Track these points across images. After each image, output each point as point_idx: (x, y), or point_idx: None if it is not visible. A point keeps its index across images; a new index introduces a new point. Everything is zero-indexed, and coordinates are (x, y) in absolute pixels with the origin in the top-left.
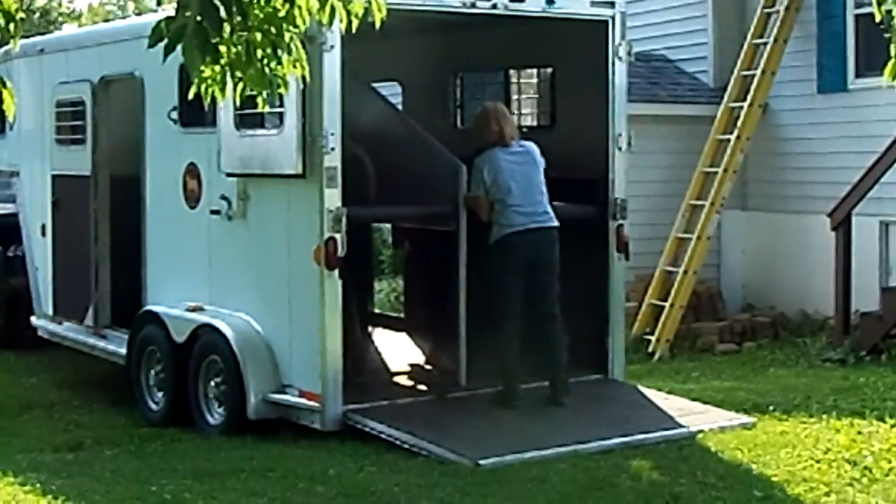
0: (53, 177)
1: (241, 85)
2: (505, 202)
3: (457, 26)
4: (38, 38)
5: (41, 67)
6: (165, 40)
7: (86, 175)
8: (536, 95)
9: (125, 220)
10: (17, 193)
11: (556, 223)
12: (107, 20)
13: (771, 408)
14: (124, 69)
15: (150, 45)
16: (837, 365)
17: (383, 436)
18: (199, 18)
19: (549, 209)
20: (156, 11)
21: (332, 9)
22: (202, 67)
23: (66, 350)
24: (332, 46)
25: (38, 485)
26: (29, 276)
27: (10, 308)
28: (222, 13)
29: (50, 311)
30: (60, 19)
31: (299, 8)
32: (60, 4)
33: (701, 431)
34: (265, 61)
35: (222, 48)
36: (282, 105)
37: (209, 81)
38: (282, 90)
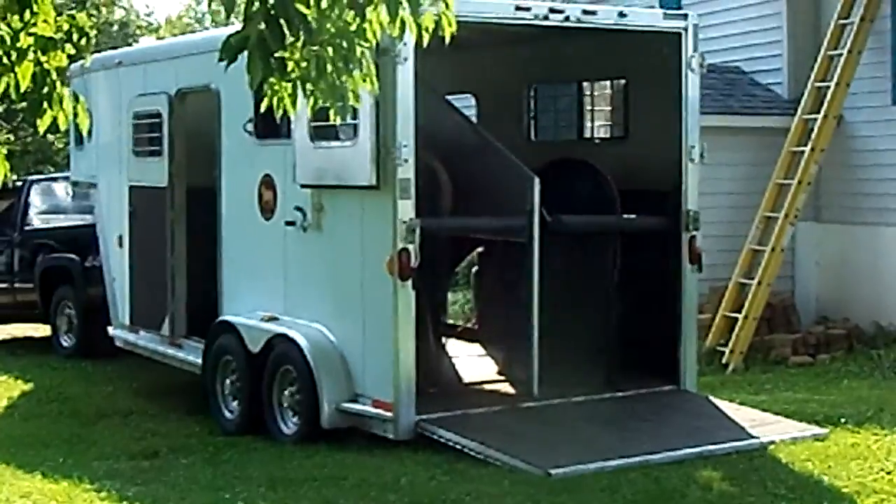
0: (130, 188)
1: (312, 99)
2: None
3: (531, 39)
4: (116, 50)
5: (119, 80)
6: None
7: (162, 186)
8: (609, 107)
9: (201, 231)
10: (94, 204)
11: None
12: (184, 33)
13: (843, 420)
14: (201, 82)
15: (220, 59)
16: None
17: (455, 445)
18: (261, 30)
19: None
20: (233, 24)
21: (403, 23)
22: (272, 81)
23: (142, 359)
24: (405, 59)
25: (114, 492)
26: (106, 286)
27: (87, 318)
28: (285, 28)
29: (126, 321)
30: (138, 32)
31: (370, 22)
32: (138, 17)
33: (772, 442)
34: (336, 75)
35: (291, 63)
36: (356, 117)
37: (280, 94)
38: (353, 104)
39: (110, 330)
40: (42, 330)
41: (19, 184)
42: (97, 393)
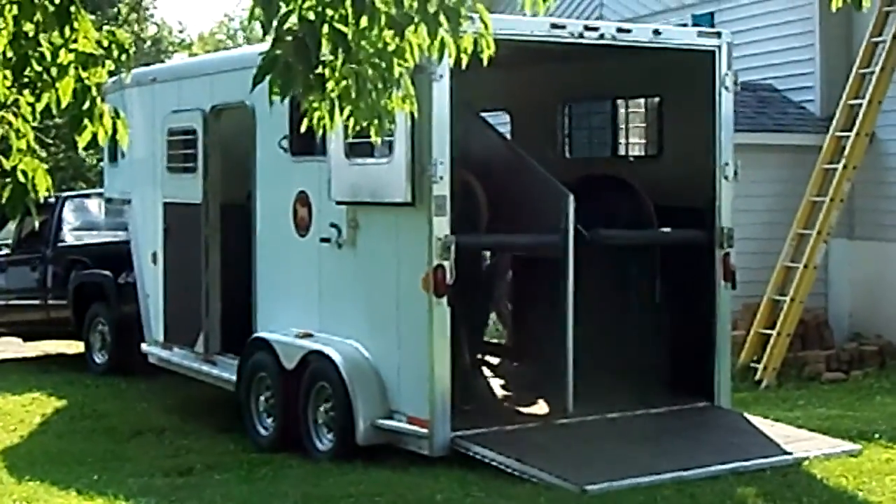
0: (164, 205)
1: (351, 118)
2: None
3: (565, 56)
4: (151, 67)
5: (153, 96)
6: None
7: (197, 203)
8: (644, 125)
9: (235, 248)
10: (128, 221)
11: None
12: (217, 50)
13: (877, 436)
14: (235, 98)
15: (254, 81)
16: None
17: (490, 462)
18: (287, 52)
19: None
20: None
21: (443, 43)
22: (311, 99)
23: (176, 376)
24: (441, 76)
25: None
26: (139, 302)
27: (120, 334)
28: (314, 48)
29: (160, 338)
30: (171, 48)
31: (409, 43)
32: (171, 34)
33: (806, 458)
34: (374, 95)
35: (331, 82)
36: (392, 134)
37: (321, 113)
38: (389, 125)
39: (144, 347)
40: (74, 347)
41: (52, 200)
42: (131, 410)
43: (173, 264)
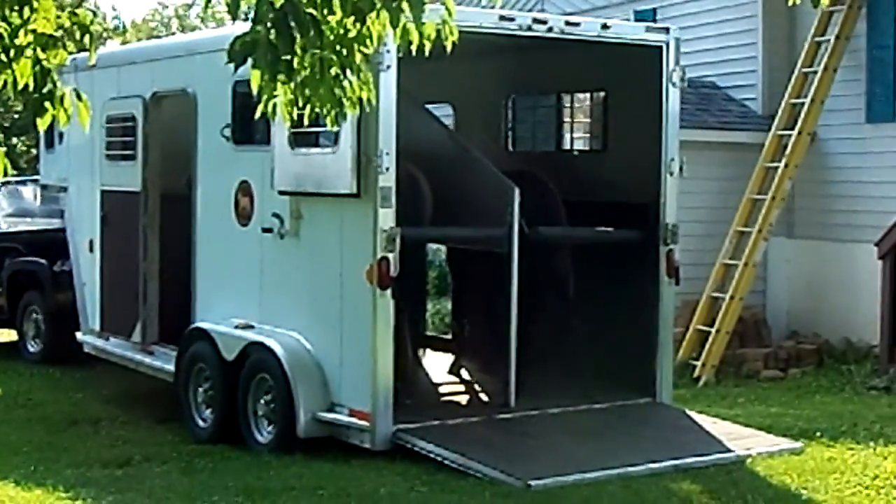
0: (102, 192)
1: (308, 105)
2: None
3: (510, 49)
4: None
5: (92, 82)
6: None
7: (136, 191)
8: (588, 119)
9: (174, 237)
10: (64, 208)
11: None
12: (151, 37)
13: (818, 434)
14: (176, 85)
15: (228, 62)
16: (883, 392)
17: (434, 456)
18: (269, 34)
19: None
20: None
21: (405, 30)
22: (272, 85)
23: (112, 366)
24: (388, 66)
25: (88, 500)
26: (76, 291)
27: (55, 323)
28: (294, 30)
29: (97, 327)
30: (106, 35)
31: (369, 30)
32: (105, 20)
33: (750, 456)
34: (336, 81)
35: (297, 66)
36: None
37: (284, 98)
38: (350, 111)
39: (79, 336)
40: (6, 335)
41: None
42: (66, 399)
43: (111, 252)
